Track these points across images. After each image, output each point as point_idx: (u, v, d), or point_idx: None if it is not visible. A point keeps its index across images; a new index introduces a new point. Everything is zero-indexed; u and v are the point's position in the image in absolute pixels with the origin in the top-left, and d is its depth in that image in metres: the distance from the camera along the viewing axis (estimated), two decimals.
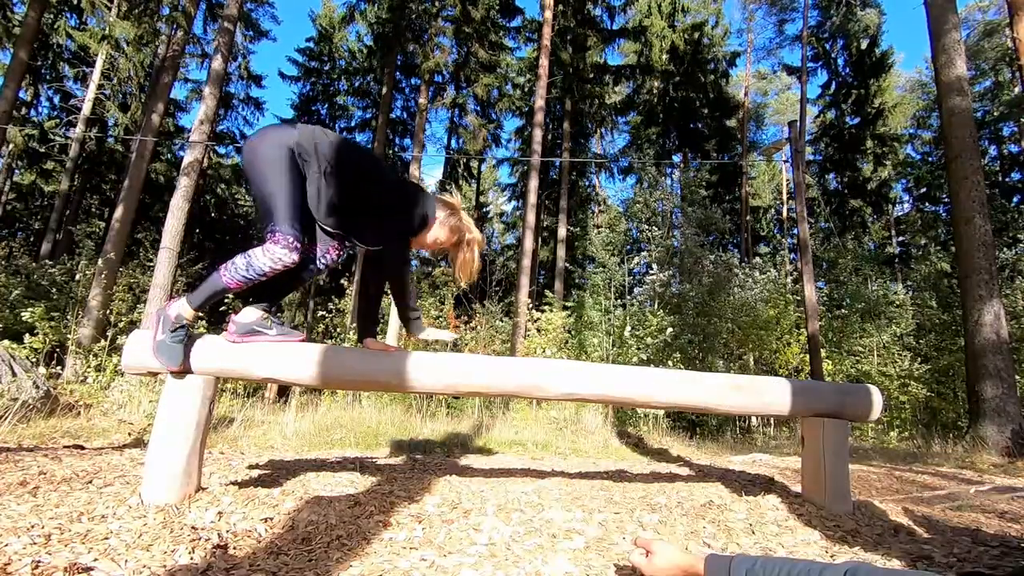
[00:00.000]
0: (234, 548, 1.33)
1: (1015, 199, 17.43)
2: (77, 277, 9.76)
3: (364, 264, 2.17)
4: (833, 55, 19.32)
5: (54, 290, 9.22)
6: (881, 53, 18.38)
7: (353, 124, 20.53)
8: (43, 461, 2.11)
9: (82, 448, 2.74)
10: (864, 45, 18.53)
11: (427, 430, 4.86)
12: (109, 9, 9.62)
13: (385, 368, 1.88)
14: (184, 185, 8.43)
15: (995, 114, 18.19)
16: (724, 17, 20.83)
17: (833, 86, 19.55)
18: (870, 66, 18.34)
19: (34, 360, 5.56)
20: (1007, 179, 18.37)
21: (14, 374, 3.76)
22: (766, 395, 2.08)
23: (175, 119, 18.70)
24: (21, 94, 13.01)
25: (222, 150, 20.12)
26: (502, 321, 11.53)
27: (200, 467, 1.79)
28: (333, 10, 20.37)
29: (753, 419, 9.11)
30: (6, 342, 5.48)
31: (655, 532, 1.66)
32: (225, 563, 1.23)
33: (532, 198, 11.34)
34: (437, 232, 1.97)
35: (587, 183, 21.91)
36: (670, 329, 8.49)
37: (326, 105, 20.44)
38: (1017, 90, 17.71)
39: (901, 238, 20.35)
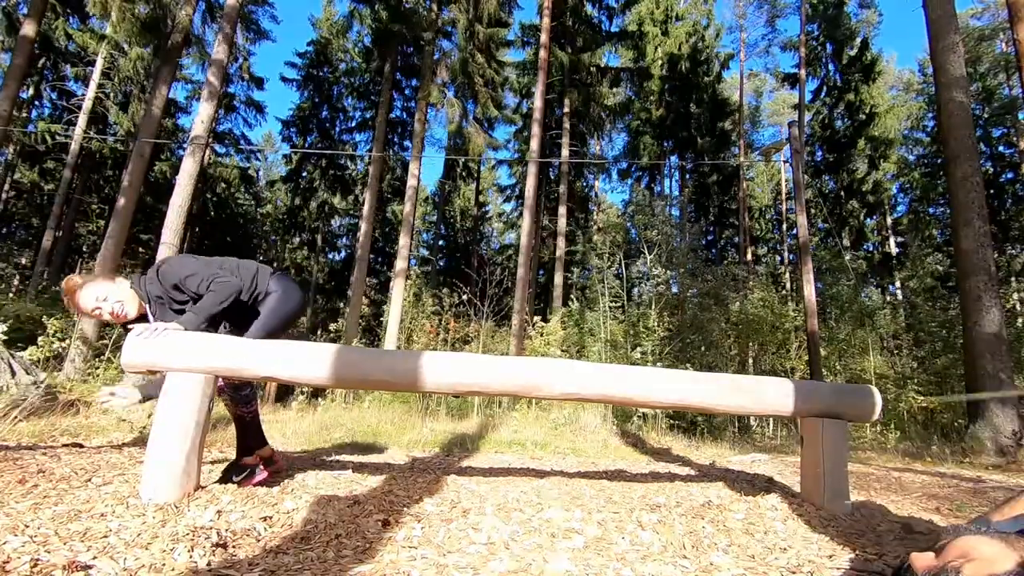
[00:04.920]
0: (233, 547, 1.33)
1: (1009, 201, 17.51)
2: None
3: None
4: (823, 60, 19.36)
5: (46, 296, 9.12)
6: (872, 57, 18.39)
7: (353, 125, 20.50)
8: (42, 459, 2.11)
9: (81, 446, 2.73)
10: (855, 51, 18.55)
11: (427, 430, 4.86)
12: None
13: (386, 367, 1.88)
14: (184, 184, 8.41)
15: (985, 116, 18.27)
16: (715, 17, 20.94)
17: (824, 91, 19.59)
18: (860, 69, 18.36)
19: (33, 359, 5.54)
20: (1002, 180, 18.42)
21: (13, 372, 3.75)
22: (766, 395, 2.08)
23: (175, 119, 18.69)
24: (22, 94, 13.01)
25: (221, 150, 20.13)
26: (502, 323, 11.52)
27: (199, 466, 1.79)
28: (333, 13, 20.40)
29: (753, 419, 9.11)
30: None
31: (654, 532, 1.66)
32: (224, 562, 1.23)
33: (531, 199, 11.33)
34: None
35: (585, 184, 21.92)
36: (670, 330, 8.50)
37: (326, 106, 20.41)
38: (1016, 91, 17.75)
39: (899, 239, 20.38)
